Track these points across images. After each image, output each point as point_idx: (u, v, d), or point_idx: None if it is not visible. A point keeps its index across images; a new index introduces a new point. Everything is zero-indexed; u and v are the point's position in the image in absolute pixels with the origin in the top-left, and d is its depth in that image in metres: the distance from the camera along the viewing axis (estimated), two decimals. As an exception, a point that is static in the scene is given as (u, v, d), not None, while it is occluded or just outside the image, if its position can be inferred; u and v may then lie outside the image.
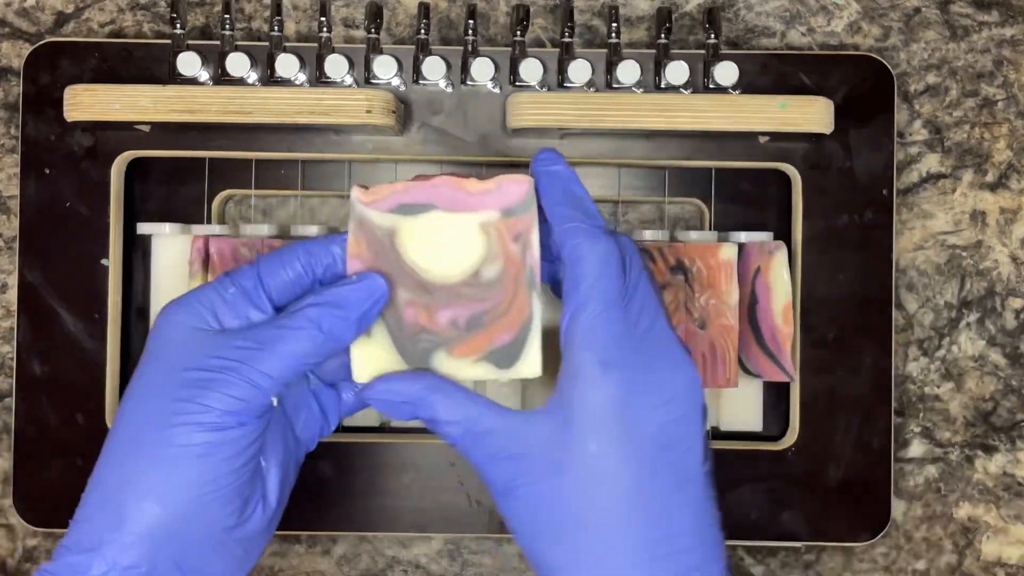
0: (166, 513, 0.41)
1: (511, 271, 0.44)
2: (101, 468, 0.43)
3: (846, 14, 0.62)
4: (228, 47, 0.55)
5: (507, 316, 0.44)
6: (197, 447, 0.41)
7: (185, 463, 0.41)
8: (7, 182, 0.62)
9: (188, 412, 0.41)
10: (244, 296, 0.44)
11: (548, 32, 0.62)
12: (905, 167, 0.62)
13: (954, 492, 0.62)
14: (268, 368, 0.42)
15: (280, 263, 0.45)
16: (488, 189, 0.44)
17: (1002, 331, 0.62)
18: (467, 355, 0.44)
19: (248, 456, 0.42)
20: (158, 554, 0.41)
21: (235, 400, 0.41)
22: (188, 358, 0.42)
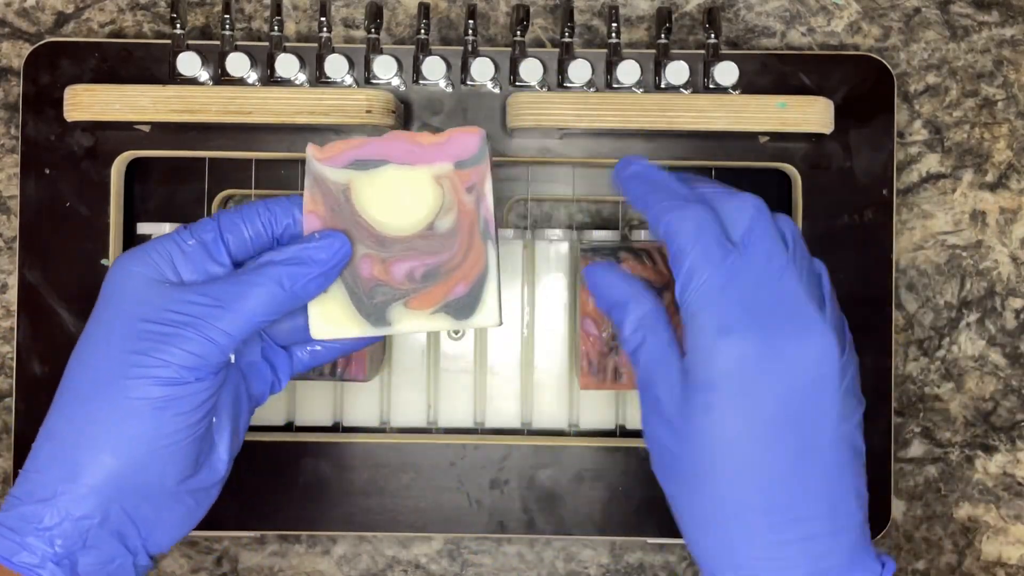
0: (120, 465, 0.41)
1: (465, 223, 0.45)
2: (53, 419, 0.43)
3: (846, 14, 0.62)
4: (228, 47, 0.55)
5: (463, 267, 0.45)
6: (153, 400, 0.41)
7: (141, 416, 0.41)
8: (7, 182, 0.62)
9: (145, 365, 0.41)
10: (203, 249, 0.44)
11: (548, 32, 0.62)
12: (905, 167, 0.62)
13: (954, 492, 0.62)
14: (228, 325, 0.42)
15: (241, 218, 0.45)
16: (440, 142, 0.45)
17: (1002, 331, 0.62)
18: (424, 307, 0.45)
19: (204, 411, 0.42)
20: (111, 505, 0.41)
21: (193, 356, 0.41)
22: (145, 310, 0.42)
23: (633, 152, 0.58)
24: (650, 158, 0.58)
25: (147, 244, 0.44)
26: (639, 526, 0.58)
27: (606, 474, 0.57)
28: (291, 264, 0.43)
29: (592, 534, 0.58)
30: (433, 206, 0.45)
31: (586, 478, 0.58)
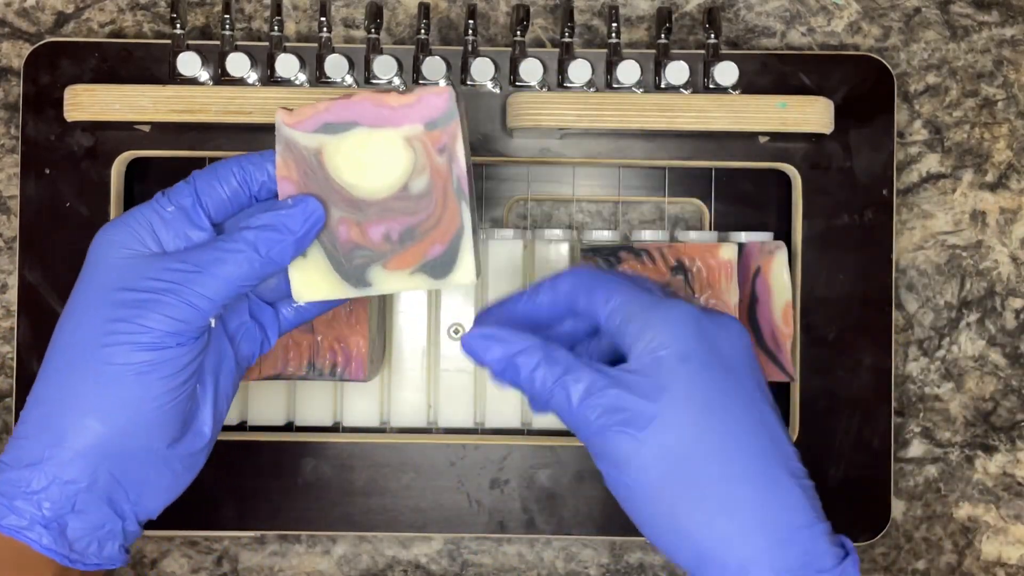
0: (106, 430, 0.42)
1: (439, 183, 0.45)
2: (40, 387, 0.43)
3: (846, 14, 0.62)
4: (228, 47, 0.55)
5: (438, 227, 0.45)
6: (136, 365, 0.41)
7: (124, 381, 0.41)
8: (7, 182, 0.62)
9: (126, 332, 0.42)
10: (183, 214, 0.44)
11: (548, 32, 0.62)
12: (905, 167, 0.62)
13: (954, 492, 0.62)
14: (206, 290, 0.42)
15: (216, 179, 0.45)
16: (409, 103, 0.45)
17: (1002, 331, 0.62)
18: (402, 267, 0.45)
19: (187, 375, 0.43)
20: (98, 469, 0.42)
21: (174, 320, 0.42)
22: (126, 279, 0.43)
23: (633, 152, 0.58)
24: (650, 158, 0.58)
25: (127, 213, 0.45)
26: (639, 526, 0.58)
27: (606, 474, 0.57)
28: (266, 230, 0.43)
29: (592, 534, 0.58)
30: (405, 168, 0.45)
31: (586, 478, 0.58)
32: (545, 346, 0.42)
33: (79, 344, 0.43)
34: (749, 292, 0.57)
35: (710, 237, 0.58)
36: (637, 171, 0.60)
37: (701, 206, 0.60)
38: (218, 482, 0.56)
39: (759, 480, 0.41)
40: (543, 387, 0.42)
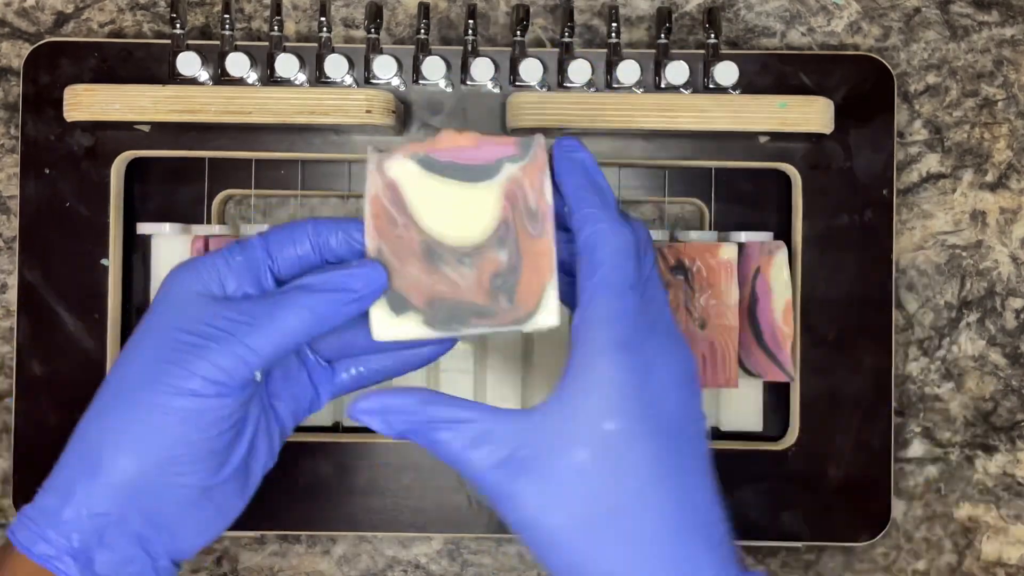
0: (139, 468, 0.42)
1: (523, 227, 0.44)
2: (86, 420, 0.44)
3: (846, 14, 0.62)
4: (228, 47, 0.55)
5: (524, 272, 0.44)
6: (176, 411, 0.41)
7: (162, 425, 0.42)
8: (7, 182, 0.62)
9: (172, 375, 0.42)
10: (250, 266, 0.44)
11: (548, 32, 0.62)
12: (905, 167, 0.62)
13: (954, 492, 0.62)
14: (255, 343, 0.42)
15: (290, 239, 0.45)
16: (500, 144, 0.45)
17: (1002, 331, 0.62)
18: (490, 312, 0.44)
19: (225, 425, 0.43)
20: (129, 505, 0.42)
21: (218, 369, 0.42)
22: (182, 321, 0.43)
23: (633, 152, 0.58)
24: (650, 158, 0.58)
25: (198, 257, 0.45)
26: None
27: (606, 474, 0.57)
28: (323, 291, 0.43)
29: (592, 534, 0.58)
30: (495, 216, 0.44)
31: (586, 478, 0.57)
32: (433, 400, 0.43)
33: (125, 381, 0.43)
34: (749, 292, 0.57)
35: (710, 237, 0.58)
36: (637, 171, 0.60)
37: (701, 206, 0.60)
38: (218, 482, 0.56)
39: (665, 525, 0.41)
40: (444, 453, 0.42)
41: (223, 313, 0.42)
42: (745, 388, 0.59)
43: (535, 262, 0.44)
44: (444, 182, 0.44)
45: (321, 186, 0.60)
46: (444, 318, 0.44)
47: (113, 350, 0.57)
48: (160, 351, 0.42)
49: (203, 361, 0.42)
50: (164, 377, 0.42)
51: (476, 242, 0.44)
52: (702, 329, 0.56)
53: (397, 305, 0.44)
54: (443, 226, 0.44)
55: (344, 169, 0.60)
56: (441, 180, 0.44)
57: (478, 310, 0.44)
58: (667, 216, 0.62)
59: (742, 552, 0.43)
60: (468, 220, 0.44)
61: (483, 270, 0.44)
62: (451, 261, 0.44)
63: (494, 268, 0.44)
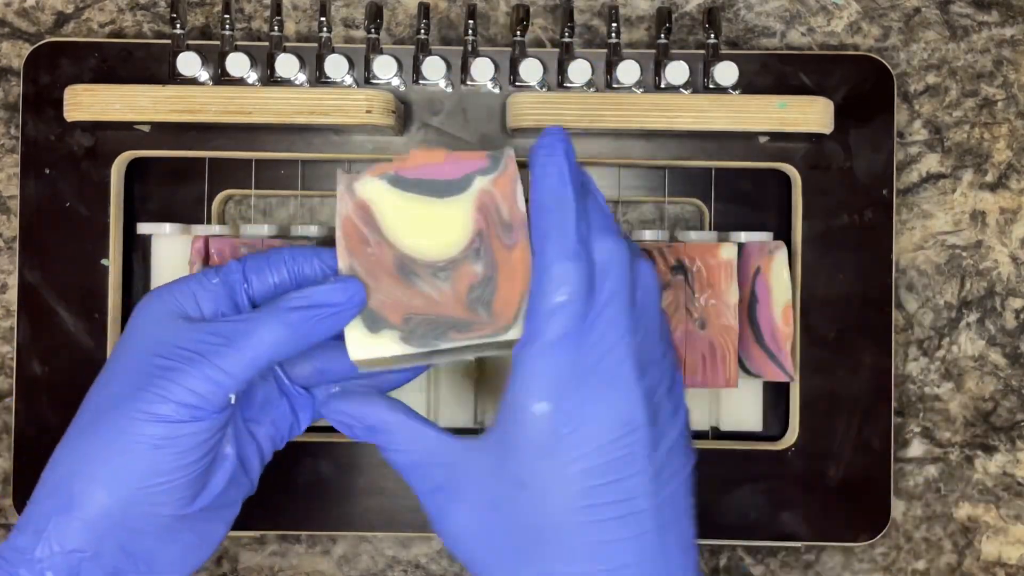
0: (113, 500, 0.41)
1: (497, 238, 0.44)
2: (59, 449, 0.43)
3: (846, 14, 0.62)
4: (228, 47, 0.55)
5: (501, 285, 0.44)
6: (150, 437, 0.41)
7: (136, 453, 0.41)
8: (7, 182, 0.62)
9: (144, 400, 0.41)
10: (226, 288, 0.44)
11: (548, 32, 0.62)
12: (905, 167, 0.62)
13: (954, 492, 0.62)
14: (228, 364, 0.41)
15: (267, 264, 0.45)
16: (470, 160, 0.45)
17: (1002, 331, 0.62)
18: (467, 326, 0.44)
19: (201, 452, 0.42)
20: (104, 539, 0.41)
21: (192, 393, 0.41)
22: (155, 344, 0.42)
23: (633, 152, 0.58)
24: (650, 158, 0.58)
25: (173, 281, 0.44)
26: (639, 526, 0.58)
27: (606, 474, 0.57)
28: (301, 307, 0.43)
29: (592, 534, 0.58)
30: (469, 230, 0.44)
31: (586, 478, 0.57)
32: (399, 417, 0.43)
33: (98, 409, 0.42)
34: (749, 292, 0.57)
35: (710, 237, 0.58)
36: (637, 171, 0.60)
37: (701, 206, 0.60)
38: (218, 482, 0.56)
39: None
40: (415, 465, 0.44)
41: (196, 335, 0.42)
42: (745, 388, 0.59)
43: (511, 272, 0.43)
44: (415, 199, 0.44)
45: (321, 186, 0.60)
46: (421, 333, 0.43)
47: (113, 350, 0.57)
48: (132, 376, 0.42)
49: (176, 385, 0.41)
50: (136, 403, 0.41)
51: (450, 256, 0.44)
52: (702, 329, 0.56)
53: (372, 323, 0.43)
54: (416, 242, 0.44)
55: (344, 169, 0.60)
56: (412, 197, 0.44)
57: (456, 323, 0.43)
58: (667, 216, 0.62)
59: None
60: (441, 235, 0.44)
61: (459, 283, 0.44)
62: (426, 276, 0.44)
63: (470, 280, 0.44)
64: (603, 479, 0.40)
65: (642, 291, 0.42)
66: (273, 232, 0.57)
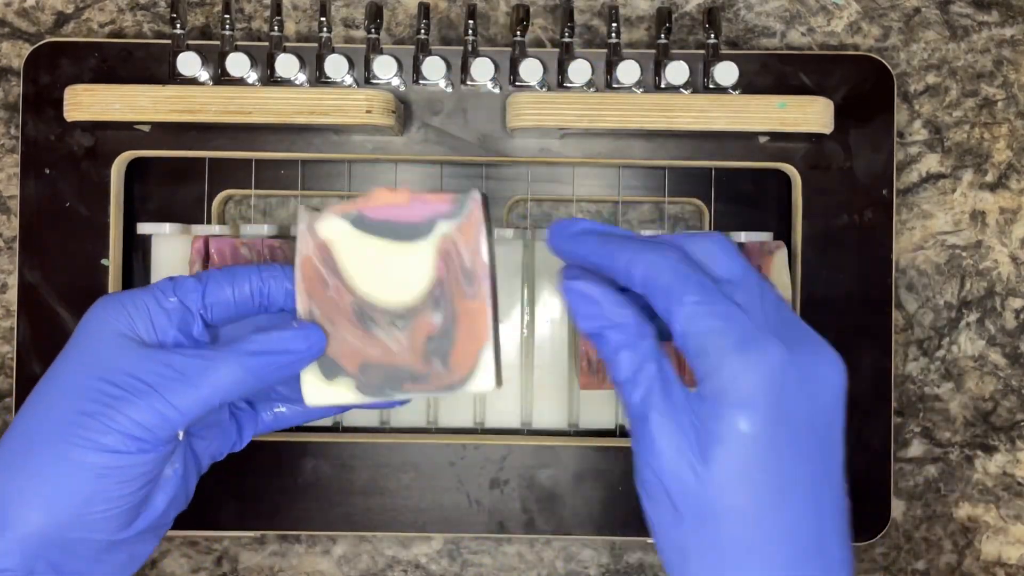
0: (49, 523, 0.40)
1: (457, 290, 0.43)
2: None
3: (846, 14, 0.62)
4: (228, 47, 0.55)
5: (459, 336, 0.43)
6: (92, 466, 0.40)
7: (76, 480, 0.40)
8: (7, 182, 0.62)
9: (91, 428, 0.40)
10: (183, 309, 0.43)
11: (548, 32, 0.62)
12: (905, 167, 0.62)
13: (954, 492, 0.62)
14: (180, 400, 0.40)
15: (229, 282, 0.43)
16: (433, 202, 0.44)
17: (1002, 331, 0.62)
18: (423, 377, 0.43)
19: (143, 481, 0.41)
20: (36, 559, 0.40)
21: (141, 427, 0.40)
22: (105, 368, 0.41)
23: (633, 152, 0.58)
24: (650, 158, 0.58)
25: (127, 293, 0.43)
26: (639, 526, 0.58)
27: (606, 474, 0.57)
28: (262, 353, 0.42)
29: (592, 534, 0.58)
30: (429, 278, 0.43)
31: (586, 478, 0.57)
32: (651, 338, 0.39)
33: (41, 429, 0.41)
34: (749, 292, 0.57)
35: (710, 237, 0.58)
36: (637, 171, 0.60)
37: (701, 206, 0.60)
38: (218, 482, 0.56)
39: None
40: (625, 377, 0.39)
41: (149, 365, 0.41)
42: (745, 388, 0.59)
43: (470, 324, 0.43)
44: (376, 241, 0.43)
45: (321, 186, 0.60)
46: (377, 383, 0.43)
47: (113, 350, 0.57)
48: (77, 401, 0.40)
49: (123, 416, 0.40)
50: (80, 430, 0.40)
51: (409, 304, 0.43)
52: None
53: (329, 371, 0.43)
54: (375, 287, 0.43)
55: (344, 169, 0.60)
56: (373, 239, 0.43)
57: (412, 374, 0.43)
58: (667, 216, 0.62)
59: None
60: (401, 281, 0.43)
61: (417, 333, 0.43)
62: (384, 324, 0.43)
63: (428, 331, 0.43)
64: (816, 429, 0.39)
65: None
66: (273, 232, 0.57)
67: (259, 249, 0.55)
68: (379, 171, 0.60)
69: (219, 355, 0.41)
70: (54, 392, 0.41)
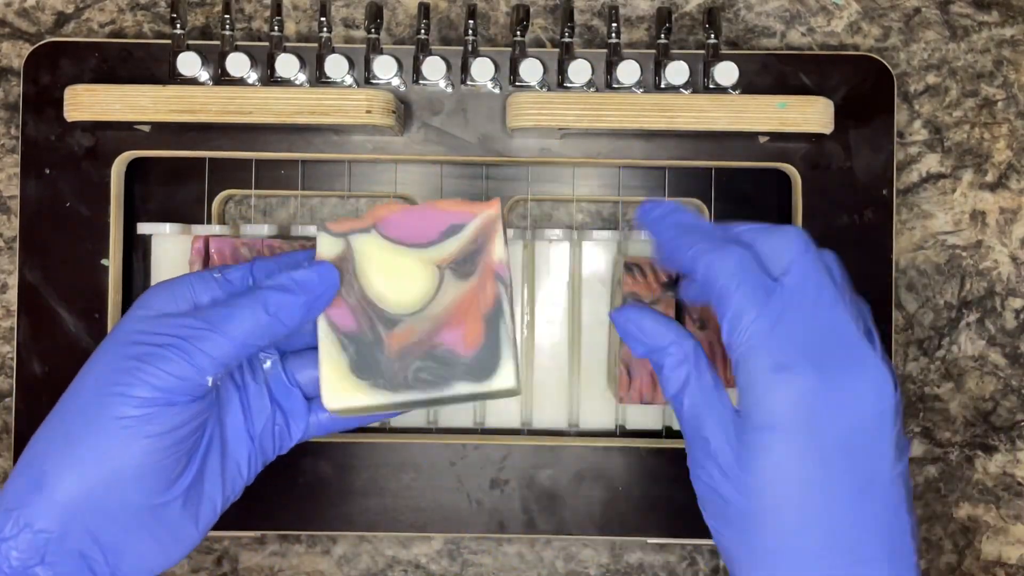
0: (83, 483, 0.41)
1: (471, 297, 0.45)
2: (41, 429, 0.43)
3: (846, 14, 0.62)
4: (228, 47, 0.55)
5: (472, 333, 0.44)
6: (123, 420, 0.41)
7: (110, 436, 0.41)
8: (7, 182, 0.62)
9: (125, 383, 0.41)
10: (226, 283, 0.45)
11: (548, 32, 0.62)
12: (905, 167, 0.62)
13: (954, 492, 0.62)
14: (208, 346, 0.42)
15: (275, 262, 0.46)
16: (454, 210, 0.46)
17: (1002, 331, 0.62)
18: None
19: (176, 438, 0.42)
20: (72, 522, 0.41)
21: (169, 376, 0.41)
22: (141, 332, 0.42)
23: (633, 152, 0.58)
24: (650, 158, 0.58)
25: (175, 278, 0.45)
26: (639, 526, 0.58)
27: (606, 474, 0.57)
28: (277, 289, 0.43)
29: (592, 534, 0.58)
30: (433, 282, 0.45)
31: (586, 478, 0.58)
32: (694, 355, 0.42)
33: (81, 391, 0.42)
34: (749, 292, 0.57)
35: (710, 237, 0.58)
36: (637, 171, 0.60)
37: (701, 206, 0.60)
38: (218, 482, 0.56)
39: None
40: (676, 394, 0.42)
41: (180, 321, 0.42)
42: (745, 388, 0.59)
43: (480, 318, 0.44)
44: (395, 250, 0.45)
45: (321, 186, 0.60)
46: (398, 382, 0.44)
47: (113, 350, 0.57)
48: (116, 361, 0.42)
49: (154, 368, 0.41)
50: (117, 387, 0.41)
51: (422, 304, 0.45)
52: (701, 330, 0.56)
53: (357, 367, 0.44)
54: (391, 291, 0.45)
55: (344, 169, 0.60)
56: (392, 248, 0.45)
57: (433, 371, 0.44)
58: (667, 216, 0.62)
59: None
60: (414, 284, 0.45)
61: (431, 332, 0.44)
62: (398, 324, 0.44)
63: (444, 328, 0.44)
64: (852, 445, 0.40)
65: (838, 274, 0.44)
66: (273, 232, 0.57)
67: (259, 249, 0.55)
68: (379, 171, 0.60)
69: (239, 298, 0.43)
70: (95, 360, 0.43)
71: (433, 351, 0.44)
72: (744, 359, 0.40)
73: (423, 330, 0.44)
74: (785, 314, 0.40)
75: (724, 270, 0.41)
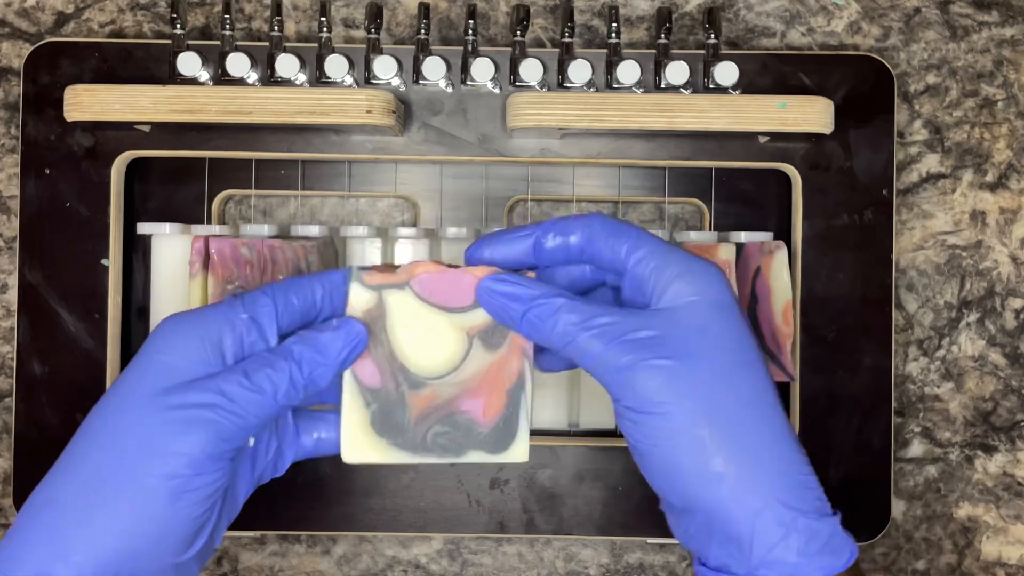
0: (120, 548, 0.39)
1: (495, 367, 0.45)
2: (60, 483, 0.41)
3: (846, 14, 0.62)
4: (228, 47, 0.55)
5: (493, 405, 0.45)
6: (169, 485, 0.39)
7: (154, 501, 0.39)
8: (7, 182, 0.62)
9: (168, 449, 0.40)
10: (255, 324, 0.43)
11: (548, 32, 0.62)
12: (905, 167, 0.62)
13: (954, 492, 0.62)
14: (255, 409, 0.41)
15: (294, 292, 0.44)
16: None
17: (1002, 331, 0.62)
18: None
19: (218, 497, 0.41)
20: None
21: (219, 440, 0.40)
22: (180, 390, 0.41)
23: (633, 152, 0.58)
24: (650, 158, 0.58)
25: (198, 311, 0.43)
26: (639, 526, 0.58)
27: (606, 474, 0.57)
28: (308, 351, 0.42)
29: (592, 534, 0.58)
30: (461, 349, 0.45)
31: (586, 478, 0.57)
32: (563, 292, 0.42)
33: (116, 452, 0.40)
34: (749, 292, 0.57)
35: (710, 237, 0.58)
36: (637, 171, 0.60)
37: (701, 206, 0.60)
38: (218, 482, 0.56)
39: (778, 432, 0.41)
40: (564, 333, 0.42)
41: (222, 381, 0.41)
42: (745, 388, 0.59)
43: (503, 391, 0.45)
44: (427, 311, 0.45)
45: (321, 186, 0.60)
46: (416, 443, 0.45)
47: (113, 350, 0.57)
48: (154, 422, 0.40)
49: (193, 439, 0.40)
50: (159, 453, 0.40)
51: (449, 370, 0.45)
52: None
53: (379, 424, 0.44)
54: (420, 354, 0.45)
55: (344, 169, 0.60)
56: (425, 309, 0.45)
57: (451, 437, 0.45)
58: (667, 216, 0.62)
59: None
60: (444, 349, 0.45)
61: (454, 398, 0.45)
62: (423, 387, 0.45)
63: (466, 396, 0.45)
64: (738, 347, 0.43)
65: None
66: (273, 232, 0.57)
67: (259, 249, 0.55)
68: (379, 171, 0.60)
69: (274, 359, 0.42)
70: (128, 415, 0.41)
71: (453, 416, 0.45)
72: None
73: (446, 395, 0.45)
74: None
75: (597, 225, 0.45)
